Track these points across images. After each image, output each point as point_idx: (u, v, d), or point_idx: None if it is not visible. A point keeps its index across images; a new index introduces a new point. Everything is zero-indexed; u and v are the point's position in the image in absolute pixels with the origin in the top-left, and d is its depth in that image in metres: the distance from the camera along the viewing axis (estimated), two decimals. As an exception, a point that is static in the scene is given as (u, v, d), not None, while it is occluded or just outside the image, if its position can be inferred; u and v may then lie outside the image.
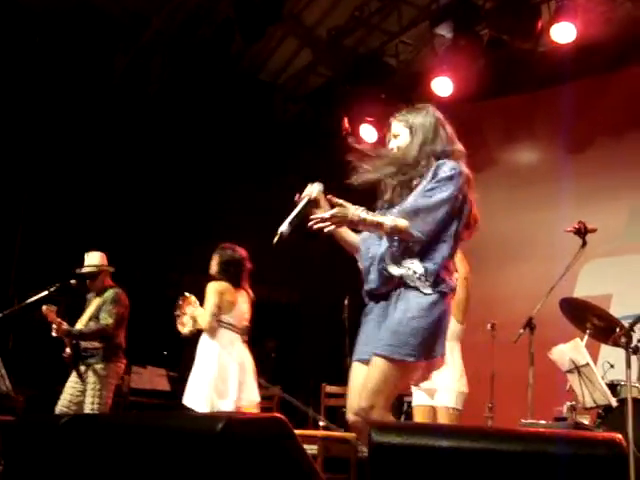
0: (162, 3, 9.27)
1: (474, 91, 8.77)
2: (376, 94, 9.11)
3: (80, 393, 6.31)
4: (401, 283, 3.33)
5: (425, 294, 3.28)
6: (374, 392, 3.19)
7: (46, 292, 6.45)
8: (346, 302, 7.01)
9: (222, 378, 5.78)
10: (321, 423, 7.95)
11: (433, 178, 3.34)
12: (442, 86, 8.72)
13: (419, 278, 3.29)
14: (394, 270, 3.35)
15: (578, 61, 8.12)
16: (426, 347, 3.25)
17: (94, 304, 6.54)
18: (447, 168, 3.34)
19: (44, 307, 6.33)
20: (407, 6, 9.11)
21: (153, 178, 9.88)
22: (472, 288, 5.51)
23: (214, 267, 6.11)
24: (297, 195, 3.52)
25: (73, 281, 6.55)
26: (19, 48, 9.07)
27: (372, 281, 3.43)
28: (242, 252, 6.17)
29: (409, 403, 7.25)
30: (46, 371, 8.16)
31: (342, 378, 7.40)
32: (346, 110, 9.53)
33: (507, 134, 9.02)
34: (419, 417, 5.61)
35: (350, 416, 3.34)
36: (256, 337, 10.06)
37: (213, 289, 5.92)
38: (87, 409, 6.13)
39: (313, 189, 3.50)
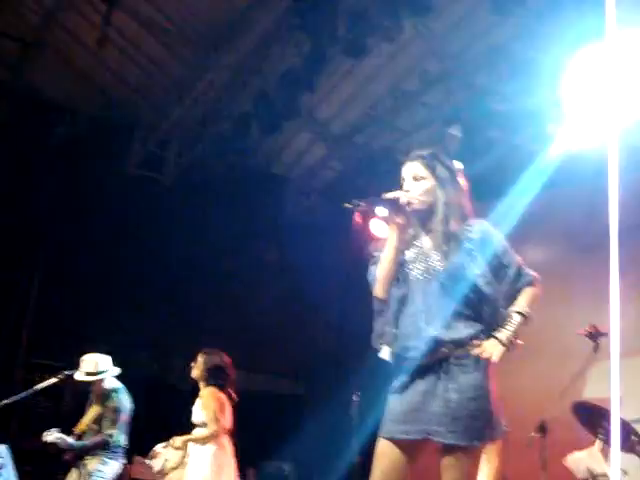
0: (181, 96, 9.49)
1: (481, 191, 8.84)
2: (388, 190, 9.20)
3: None
4: (447, 353, 3.16)
5: (475, 365, 3.14)
6: None
7: (54, 379, 6.41)
8: (355, 398, 6.93)
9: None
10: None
11: (485, 240, 3.29)
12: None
13: (467, 346, 3.16)
14: (444, 334, 3.16)
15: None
16: (497, 422, 3.15)
17: (95, 409, 6.52)
18: (495, 232, 3.35)
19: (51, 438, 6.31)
20: (420, 105, 9.29)
21: (162, 267, 9.93)
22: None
23: (199, 372, 6.16)
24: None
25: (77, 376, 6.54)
26: (39, 138, 9.25)
27: (414, 348, 3.20)
28: (226, 358, 6.24)
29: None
30: (47, 460, 8.05)
31: (350, 477, 7.32)
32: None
33: (517, 231, 9.01)
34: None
35: None
36: (254, 426, 10.02)
37: (212, 395, 6.03)
38: None
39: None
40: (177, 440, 5.97)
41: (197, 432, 5.96)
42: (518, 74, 8.06)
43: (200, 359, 6.20)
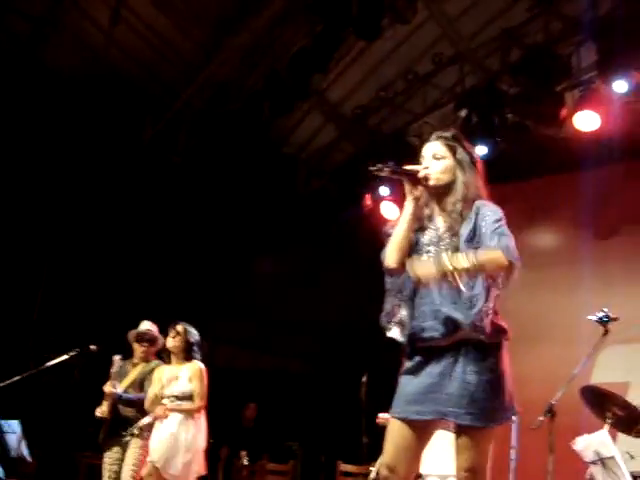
0: (192, 75, 9.50)
1: (494, 173, 8.84)
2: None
3: (120, 461, 6.25)
4: (466, 335, 3.15)
5: (491, 348, 3.16)
6: (483, 462, 3.12)
7: (66, 356, 6.41)
8: (364, 379, 6.96)
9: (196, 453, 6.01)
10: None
11: (481, 218, 3.23)
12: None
13: (482, 328, 3.13)
14: (460, 317, 3.16)
15: (600, 148, 8.21)
16: (511, 404, 3.19)
17: (136, 371, 6.50)
18: (492, 209, 3.26)
19: (107, 388, 6.33)
20: (432, 88, 9.29)
21: (173, 246, 9.96)
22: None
23: (179, 343, 6.22)
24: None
25: (93, 347, 6.53)
26: (49, 114, 9.25)
27: (431, 329, 3.20)
28: None
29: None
30: (58, 436, 8.13)
31: (357, 457, 7.37)
32: (368, 187, 9.66)
33: (528, 217, 9.05)
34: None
35: (385, 472, 3.19)
36: (263, 406, 10.15)
37: (201, 371, 6.16)
38: (126, 473, 6.09)
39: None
40: (160, 408, 6.04)
41: (184, 403, 6.05)
42: (530, 57, 8.05)
43: (181, 330, 6.25)
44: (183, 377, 6.13)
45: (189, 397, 6.08)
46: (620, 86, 7.38)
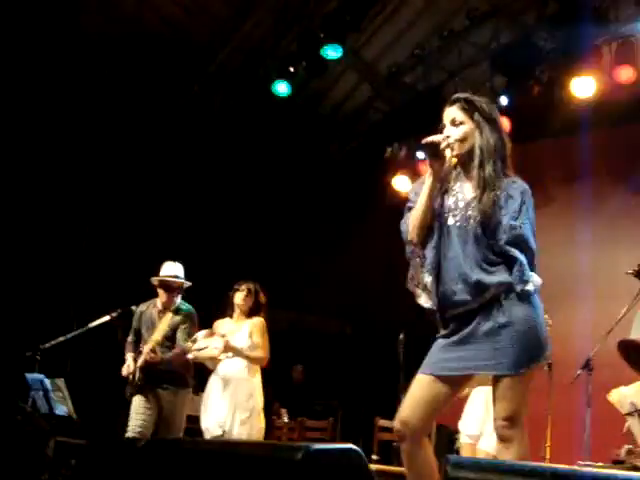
0: (226, 38, 9.49)
1: (531, 130, 8.78)
2: (435, 131, 9.17)
3: (150, 418, 5.99)
4: (494, 294, 3.19)
5: (521, 299, 3.18)
6: (519, 410, 3.16)
7: (108, 317, 6.50)
8: (401, 337, 7.01)
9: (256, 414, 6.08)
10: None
11: (523, 202, 3.25)
12: (500, 124, 8.75)
13: (512, 283, 3.18)
14: (487, 278, 3.20)
15: (636, 102, 8.10)
16: (544, 349, 3.21)
17: (166, 322, 6.27)
18: (524, 191, 3.29)
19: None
20: (467, 44, 9.19)
21: (208, 204, 10.03)
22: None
23: (250, 301, 6.24)
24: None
25: (134, 307, 6.60)
26: (87, 78, 9.30)
27: (461, 292, 3.23)
28: None
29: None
30: (102, 395, 8.29)
31: (394, 413, 7.44)
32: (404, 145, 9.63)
33: (566, 173, 8.99)
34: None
35: (398, 425, 3.24)
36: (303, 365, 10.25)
37: (262, 325, 6.20)
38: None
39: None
40: (229, 343, 6.03)
41: (252, 352, 6.09)
42: (567, 10, 7.93)
43: (254, 290, 6.28)
44: (243, 332, 6.15)
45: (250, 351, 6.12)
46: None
